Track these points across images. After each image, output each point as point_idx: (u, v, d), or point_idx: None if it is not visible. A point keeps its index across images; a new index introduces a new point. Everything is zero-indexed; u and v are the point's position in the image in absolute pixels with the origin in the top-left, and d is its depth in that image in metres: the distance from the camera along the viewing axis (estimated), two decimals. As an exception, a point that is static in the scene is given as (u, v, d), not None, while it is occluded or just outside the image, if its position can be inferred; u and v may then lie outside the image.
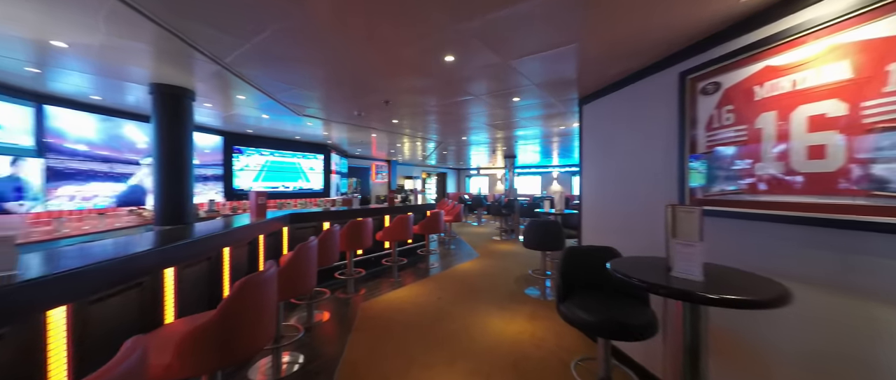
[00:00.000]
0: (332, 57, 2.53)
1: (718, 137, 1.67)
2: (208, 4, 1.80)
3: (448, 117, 5.02)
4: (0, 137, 3.26)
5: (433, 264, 5.03)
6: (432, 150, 9.57)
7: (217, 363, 1.27)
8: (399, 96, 3.72)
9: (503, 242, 7.11)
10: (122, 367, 0.76)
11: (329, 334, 2.75)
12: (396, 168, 13.23)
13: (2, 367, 1.13)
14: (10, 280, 1.13)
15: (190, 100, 3.40)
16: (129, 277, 1.61)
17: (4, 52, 2.51)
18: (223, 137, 5.99)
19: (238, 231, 2.59)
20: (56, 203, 3.75)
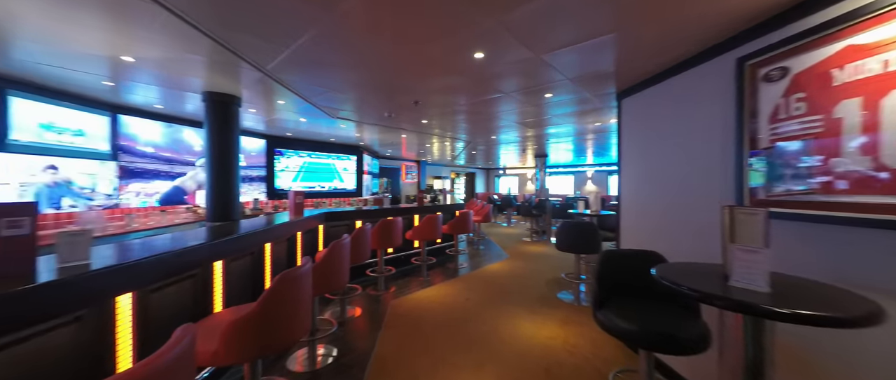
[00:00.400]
0: (362, 59, 2.59)
1: (784, 130, 1.48)
2: (253, 16, 1.92)
3: (477, 116, 4.97)
4: (83, 143, 3.72)
5: (462, 264, 5.00)
6: (461, 150, 9.54)
7: (257, 352, 1.34)
8: (428, 96, 3.74)
9: (534, 243, 6.91)
10: (174, 351, 0.81)
11: (361, 329, 2.82)
12: (425, 168, 13.37)
13: (81, 345, 1.27)
14: (84, 269, 1.26)
15: (237, 106, 3.66)
16: (184, 269, 1.75)
17: (87, 68, 2.85)
18: (266, 141, 6.39)
19: (278, 228, 2.74)
20: (126, 199, 4.20)
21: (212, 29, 2.08)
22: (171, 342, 0.82)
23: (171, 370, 0.79)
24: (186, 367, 0.85)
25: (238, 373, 2.14)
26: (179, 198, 4.86)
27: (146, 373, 0.71)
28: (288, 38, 2.21)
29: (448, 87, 3.33)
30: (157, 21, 1.95)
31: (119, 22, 2.02)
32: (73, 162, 3.60)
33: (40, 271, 1.18)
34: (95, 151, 3.85)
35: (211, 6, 1.83)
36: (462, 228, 4.79)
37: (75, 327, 1.24)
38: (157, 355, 0.76)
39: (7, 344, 1.04)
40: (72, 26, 2.09)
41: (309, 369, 2.20)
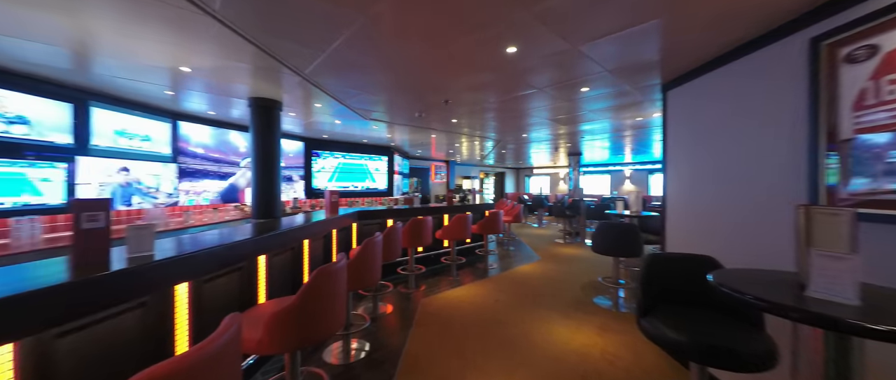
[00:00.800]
0: (393, 60, 2.63)
1: (872, 119, 1.27)
2: (292, 22, 2.01)
3: (507, 114, 4.87)
4: (150, 147, 4.15)
5: (492, 265, 4.92)
6: (490, 149, 9.42)
7: (297, 343, 1.40)
8: (458, 95, 3.72)
9: (567, 245, 6.65)
10: (223, 338, 0.86)
11: (392, 325, 2.87)
12: (455, 168, 13.38)
13: (147, 328, 1.40)
14: (148, 259, 1.39)
15: (278, 110, 3.89)
16: (233, 262, 1.87)
17: (152, 80, 3.17)
18: (304, 143, 6.74)
19: (315, 226, 2.86)
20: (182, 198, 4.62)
21: (256, 37, 2.22)
22: (220, 329, 0.87)
23: (221, 355, 0.84)
24: (233, 353, 0.90)
25: (279, 361, 2.26)
26: (234, 195, 5.27)
27: (200, 357, 0.75)
28: (324, 43, 2.29)
29: (478, 84, 3.29)
30: (210, 32, 2.12)
31: (179, 35, 2.22)
32: (142, 164, 4.03)
33: (113, 261, 1.32)
34: (159, 154, 4.28)
35: (255, 15, 1.95)
36: (492, 228, 4.72)
37: (141, 312, 1.37)
38: (208, 341, 0.81)
39: (89, 324, 1.17)
40: (140, 42, 2.33)
41: (343, 362, 2.27)
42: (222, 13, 1.89)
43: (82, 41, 2.33)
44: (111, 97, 3.66)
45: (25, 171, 2.96)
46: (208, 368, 0.78)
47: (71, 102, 3.29)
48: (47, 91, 3.10)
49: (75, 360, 1.12)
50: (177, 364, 0.71)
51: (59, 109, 3.21)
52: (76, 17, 1.99)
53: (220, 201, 5.12)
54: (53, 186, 3.15)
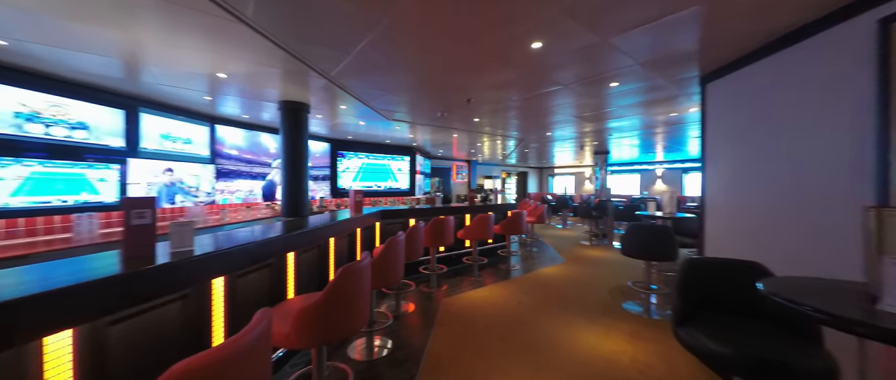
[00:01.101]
0: (417, 59, 2.65)
1: (960, 109, 1.11)
2: (319, 26, 2.08)
3: (531, 112, 4.77)
4: (191, 149, 4.44)
5: (514, 266, 4.84)
6: (512, 148, 9.29)
7: (323, 339, 1.43)
8: (481, 93, 3.69)
9: (593, 247, 6.41)
10: (255, 332, 0.89)
11: (414, 324, 2.88)
12: (476, 168, 13.31)
13: (188, 319, 1.49)
14: (189, 254, 1.48)
15: (306, 112, 4.03)
16: (264, 258, 1.95)
17: (193, 86, 3.39)
18: (330, 144, 6.96)
19: (340, 224, 2.93)
20: (217, 197, 4.90)
21: (286, 42, 2.31)
22: (252, 324, 0.90)
23: (253, 348, 0.87)
24: (264, 346, 0.93)
25: (307, 355, 2.33)
26: (273, 192, 5.55)
27: (234, 349, 0.78)
28: (349, 45, 2.35)
29: (501, 81, 3.24)
30: (244, 39, 2.22)
31: (216, 43, 2.35)
32: (184, 165, 4.31)
33: (158, 255, 1.41)
34: (199, 156, 4.56)
35: (285, 21, 2.02)
36: (515, 228, 4.64)
37: (182, 303, 1.46)
38: (241, 334, 0.84)
39: (137, 313, 1.26)
40: (183, 51, 2.49)
41: (366, 359, 2.31)
42: (254, 20, 1.98)
43: (133, 52, 2.53)
44: (157, 103, 3.95)
45: (85, 171, 3.25)
46: (242, 360, 0.81)
47: (123, 109, 3.58)
48: (103, 99, 3.39)
49: (125, 347, 1.21)
50: (213, 355, 0.75)
51: (113, 115, 3.50)
52: (127, 31, 2.16)
53: (260, 199, 5.39)
54: (108, 185, 3.44)
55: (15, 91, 2.77)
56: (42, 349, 0.98)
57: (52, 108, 3.01)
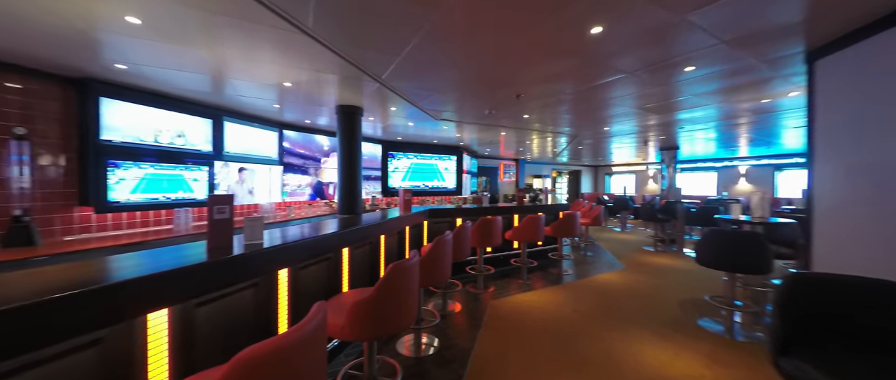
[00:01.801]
0: (464, 56, 2.61)
1: None
2: (370, 30, 2.16)
3: (586, 105, 4.44)
4: (262, 152, 4.97)
5: (566, 271, 4.56)
6: (564, 145, 8.78)
7: (374, 333, 1.47)
8: (531, 87, 3.53)
9: (658, 254, 5.77)
10: (312, 323, 0.93)
11: (461, 324, 2.86)
12: (524, 167, 12.89)
13: (259, 306, 1.64)
14: (259, 247, 1.63)
15: (359, 115, 4.26)
16: (322, 252, 2.09)
17: (264, 95, 3.79)
18: (381, 145, 7.29)
19: (391, 222, 3.03)
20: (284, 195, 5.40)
21: (342, 49, 2.45)
22: (310, 315, 0.94)
23: (311, 338, 0.91)
24: (321, 337, 0.97)
25: (358, 346, 2.45)
26: (321, 191, 6.00)
27: (296, 338, 0.82)
28: (398, 47, 2.40)
29: (554, 74, 3.06)
30: (305, 49, 2.41)
31: (283, 55, 2.58)
32: (257, 167, 4.85)
33: (235, 247, 1.58)
34: (269, 158, 5.10)
35: (340, 28, 2.14)
36: (567, 230, 4.36)
37: (253, 292, 1.62)
38: (301, 325, 0.89)
39: (218, 297, 1.42)
40: (257, 64, 2.78)
41: (414, 355, 2.34)
42: (314, 30, 2.12)
43: (218, 68, 2.90)
44: (237, 113, 4.50)
45: (183, 173, 3.83)
46: (302, 348, 0.85)
47: (211, 118, 4.14)
48: (195, 110, 3.96)
49: (209, 327, 1.37)
50: (277, 343, 0.79)
51: (203, 124, 4.07)
52: (213, 50, 2.48)
53: (313, 198, 5.86)
54: (200, 184, 4.01)
55: (134, 107, 3.36)
56: (146, 324, 1.15)
57: (160, 120, 3.59)
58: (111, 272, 1.12)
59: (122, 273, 1.11)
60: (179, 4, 1.81)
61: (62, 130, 2.97)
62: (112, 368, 1.04)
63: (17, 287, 0.94)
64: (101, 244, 2.80)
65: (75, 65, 2.72)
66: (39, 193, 2.82)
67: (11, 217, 2.53)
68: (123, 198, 3.27)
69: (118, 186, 3.23)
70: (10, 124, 2.61)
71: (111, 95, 3.17)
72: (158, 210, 3.65)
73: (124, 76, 3.01)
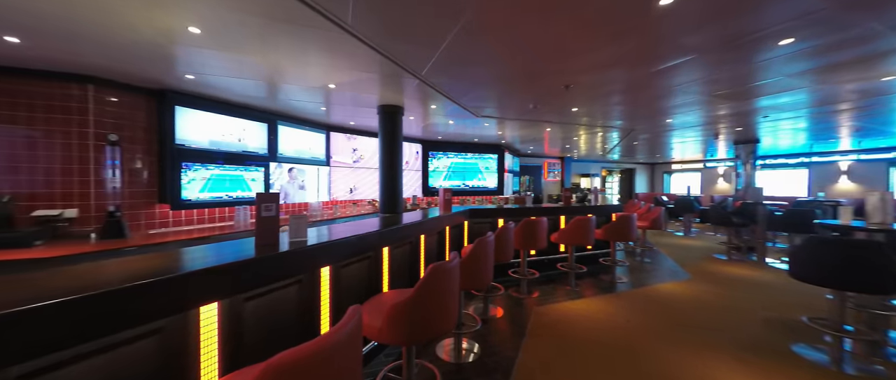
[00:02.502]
0: (506, 46, 2.47)
1: None
2: (408, 23, 2.11)
3: (644, 95, 4.01)
4: (312, 153, 5.26)
5: (620, 278, 4.16)
6: (616, 141, 8.11)
7: (410, 338, 1.41)
8: (581, 76, 3.25)
9: (732, 263, 5.03)
10: (346, 329, 0.89)
11: (503, 330, 2.72)
12: (570, 165, 12.19)
13: (302, 302, 1.67)
14: (303, 244, 1.66)
15: (400, 115, 4.30)
16: (363, 251, 2.09)
17: (313, 99, 3.98)
18: (422, 145, 7.35)
19: (430, 222, 2.98)
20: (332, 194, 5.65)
21: (381, 45, 2.44)
22: (344, 320, 0.89)
23: (345, 343, 0.87)
24: (355, 342, 0.92)
25: (397, 348, 2.43)
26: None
27: (329, 344, 0.78)
28: (437, 38, 2.33)
29: (609, 59, 2.78)
30: (347, 48, 2.45)
31: (326, 55, 2.66)
32: (306, 168, 5.15)
33: (281, 243, 1.63)
34: (317, 159, 5.39)
35: (379, 23, 2.13)
36: (622, 234, 3.97)
37: (297, 288, 1.64)
38: (334, 330, 0.84)
39: (264, 292, 1.46)
40: (307, 68, 2.91)
41: (454, 361, 2.25)
42: (353, 26, 2.13)
43: (269, 73, 3.09)
44: (289, 116, 4.80)
45: (242, 173, 4.18)
46: (335, 353, 0.80)
47: (266, 123, 4.47)
48: (253, 115, 4.30)
49: (256, 320, 1.41)
50: (310, 350, 0.75)
51: (260, 128, 4.41)
52: (264, 56, 2.63)
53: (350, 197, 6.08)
54: (257, 184, 4.35)
55: (202, 114, 3.73)
56: (199, 317, 1.20)
57: (224, 125, 3.95)
58: (173, 267, 1.19)
59: (183, 267, 1.17)
60: (228, 10, 1.92)
61: (146, 135, 3.39)
62: (169, 357, 1.10)
63: (107, 275, 1.04)
64: (176, 237, 3.14)
65: (156, 77, 3.08)
66: (128, 192, 3.24)
67: (106, 213, 2.93)
68: (194, 196, 3.65)
69: (189, 186, 3.60)
70: (105, 132, 3.02)
71: (184, 104, 3.55)
72: (222, 208, 4.02)
73: (193, 85, 3.34)
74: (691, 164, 13.26)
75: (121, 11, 1.89)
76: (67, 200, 2.92)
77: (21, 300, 0.81)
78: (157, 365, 1.06)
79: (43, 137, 2.84)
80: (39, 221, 2.72)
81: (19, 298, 0.83)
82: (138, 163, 3.32)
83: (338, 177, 5.78)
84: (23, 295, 0.85)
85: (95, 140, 3.00)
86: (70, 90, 2.90)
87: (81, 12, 1.90)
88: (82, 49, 2.40)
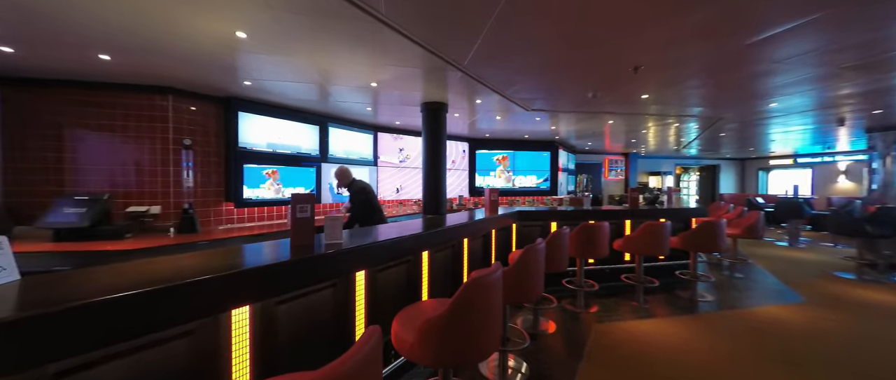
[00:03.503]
0: (556, 28, 2.18)
1: None
2: (443, 4, 1.96)
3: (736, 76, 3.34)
4: (359, 154, 5.44)
5: (703, 296, 3.53)
6: (695, 134, 7.03)
7: (443, 360, 1.26)
8: (654, 55, 2.78)
9: (865, 284, 3.99)
10: (362, 352, 0.77)
11: (556, 349, 2.43)
12: (636, 162, 10.99)
13: (338, 304, 1.63)
14: (338, 247, 1.61)
15: (444, 112, 4.20)
16: (400, 255, 1.99)
17: (359, 100, 4.07)
18: (468, 143, 7.19)
19: (475, 224, 2.81)
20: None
21: (418, 35, 2.34)
22: (360, 343, 0.78)
23: (359, 371, 0.75)
24: (372, 368, 0.80)
25: (439, 359, 2.30)
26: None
27: (343, 372, 0.67)
28: (477, 21, 2.14)
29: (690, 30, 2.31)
30: (386, 41, 2.39)
31: (366, 52, 2.65)
32: (355, 168, 5.32)
33: (317, 246, 1.60)
34: (365, 159, 5.55)
35: (412, 9, 2.01)
36: (706, 243, 3.36)
37: (332, 292, 1.60)
38: (349, 355, 0.74)
39: (301, 295, 1.43)
40: (347, 66, 2.95)
41: (499, 378, 2.06)
42: (387, 15, 2.05)
43: (314, 75, 3.19)
44: (338, 118, 5.01)
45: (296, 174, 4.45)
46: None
47: (317, 125, 4.71)
48: (305, 118, 4.56)
49: (289, 325, 1.39)
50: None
51: (312, 130, 4.66)
52: (308, 57, 2.71)
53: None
54: (310, 184, 4.60)
55: (261, 118, 4.04)
56: (231, 319, 1.19)
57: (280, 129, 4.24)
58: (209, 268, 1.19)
59: (221, 268, 1.16)
60: (262, 10, 1.98)
61: (215, 140, 3.77)
62: (200, 360, 1.10)
63: (160, 272, 1.07)
64: (239, 234, 3.43)
65: (222, 85, 3.40)
66: (200, 191, 3.64)
67: (182, 209, 3.30)
68: (253, 195, 3.97)
69: (250, 186, 3.93)
70: (181, 137, 3.42)
71: (245, 110, 3.87)
72: (279, 206, 4.33)
73: (251, 92, 3.63)
74: (798, 158, 11.03)
75: (176, 19, 2.06)
76: (152, 198, 3.36)
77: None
78: (189, 367, 1.06)
79: (133, 142, 3.30)
80: (131, 217, 3.16)
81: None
82: (208, 164, 3.71)
83: (385, 177, 5.90)
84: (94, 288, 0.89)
85: (174, 145, 3.41)
86: (154, 100, 3.34)
87: (144, 23, 2.12)
88: (157, 61, 2.72)
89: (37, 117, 3.09)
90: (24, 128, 3.07)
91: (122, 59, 2.68)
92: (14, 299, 0.85)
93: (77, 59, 2.69)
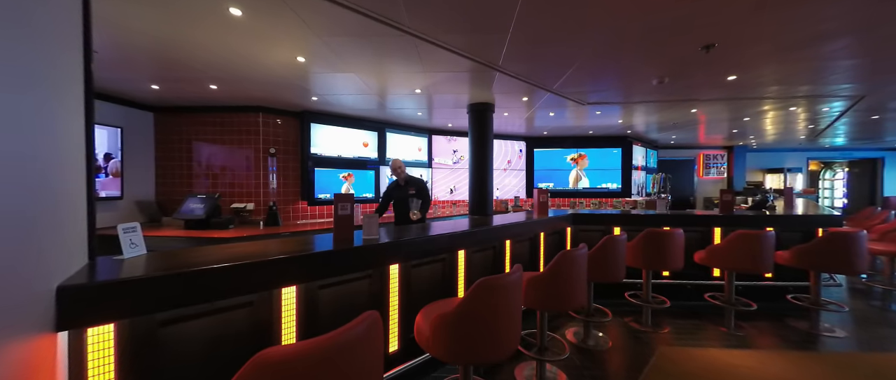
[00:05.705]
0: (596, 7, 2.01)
1: None
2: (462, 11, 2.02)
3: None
4: (415, 156, 5.78)
5: (826, 329, 2.84)
6: (831, 117, 5.52)
7: (457, 356, 1.33)
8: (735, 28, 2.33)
9: None
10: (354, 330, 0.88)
11: (605, 367, 2.26)
12: (743, 157, 9.19)
13: (373, 294, 1.83)
14: (375, 241, 1.82)
15: (490, 112, 4.23)
16: (433, 252, 2.12)
17: (409, 105, 4.36)
18: (525, 142, 6.98)
19: (518, 226, 2.79)
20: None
21: (444, 40, 2.45)
22: (354, 322, 0.89)
23: (352, 346, 0.86)
24: (367, 347, 0.91)
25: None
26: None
27: (332, 344, 0.81)
28: (503, 19, 2.13)
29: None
30: (422, 51, 2.57)
31: (407, 63, 2.88)
32: (411, 169, 5.69)
33: (357, 240, 1.82)
34: (420, 161, 5.88)
35: (437, 23, 2.12)
36: (832, 261, 2.71)
37: (368, 282, 1.81)
38: (341, 330, 0.84)
39: (342, 281, 1.67)
40: (389, 76, 3.23)
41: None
42: (411, 25, 2.20)
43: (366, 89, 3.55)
44: (394, 124, 5.42)
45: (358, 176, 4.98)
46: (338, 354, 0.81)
47: (376, 131, 5.19)
48: (365, 126, 5.07)
49: (329, 307, 1.63)
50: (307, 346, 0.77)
51: (372, 136, 5.15)
52: (359, 71, 3.04)
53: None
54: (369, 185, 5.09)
55: (328, 127, 4.64)
56: (281, 296, 1.47)
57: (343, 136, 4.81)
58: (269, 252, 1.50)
59: (273, 254, 1.46)
60: (313, 37, 2.36)
61: (293, 147, 4.48)
62: (258, 327, 1.39)
63: (234, 254, 1.41)
64: (312, 227, 4.03)
65: (297, 102, 4.05)
66: (281, 191, 4.37)
67: (268, 206, 4.01)
68: (322, 195, 4.59)
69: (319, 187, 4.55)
70: (269, 146, 4.17)
71: (316, 121, 4.50)
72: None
73: (319, 105, 4.21)
74: None
75: (255, 53, 2.63)
76: (248, 197, 4.18)
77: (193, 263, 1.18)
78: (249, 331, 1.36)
79: (236, 152, 4.16)
80: (234, 212, 3.98)
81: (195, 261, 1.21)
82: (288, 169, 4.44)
83: (439, 178, 6.15)
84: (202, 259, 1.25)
85: (263, 153, 4.19)
86: (248, 117, 4.16)
87: (234, 60, 2.74)
88: (248, 86, 3.44)
89: (176, 135, 4.16)
90: (168, 143, 4.16)
91: (225, 87, 3.46)
92: (142, 266, 1.23)
93: (196, 91, 3.57)
